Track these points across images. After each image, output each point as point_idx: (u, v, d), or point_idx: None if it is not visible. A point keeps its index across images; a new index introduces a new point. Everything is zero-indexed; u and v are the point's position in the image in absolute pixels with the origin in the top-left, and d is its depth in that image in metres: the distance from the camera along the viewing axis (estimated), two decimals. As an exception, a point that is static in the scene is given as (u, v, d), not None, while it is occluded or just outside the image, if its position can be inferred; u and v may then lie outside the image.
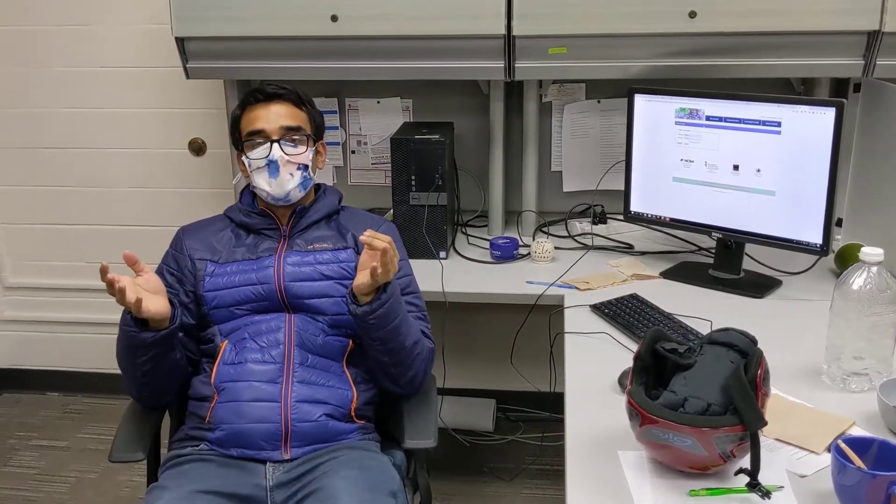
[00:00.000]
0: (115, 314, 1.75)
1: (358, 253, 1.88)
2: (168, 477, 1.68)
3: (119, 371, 1.80)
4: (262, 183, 1.88)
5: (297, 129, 1.90)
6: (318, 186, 2.03)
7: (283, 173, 1.87)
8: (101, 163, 3.09)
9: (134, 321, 1.67)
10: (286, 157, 1.87)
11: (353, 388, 1.81)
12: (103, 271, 1.58)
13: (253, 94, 1.92)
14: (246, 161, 1.90)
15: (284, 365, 1.77)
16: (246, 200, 1.97)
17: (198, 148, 3.00)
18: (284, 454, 1.71)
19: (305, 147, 1.91)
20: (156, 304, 1.67)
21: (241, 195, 2.00)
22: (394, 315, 1.72)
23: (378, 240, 1.61)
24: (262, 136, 1.88)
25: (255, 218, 1.93)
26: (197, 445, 1.75)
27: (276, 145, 1.87)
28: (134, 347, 1.70)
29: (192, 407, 1.81)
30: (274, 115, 1.89)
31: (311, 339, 1.81)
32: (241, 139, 1.91)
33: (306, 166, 1.91)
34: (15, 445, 3.06)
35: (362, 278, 1.66)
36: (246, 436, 1.71)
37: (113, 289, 1.59)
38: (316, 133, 1.97)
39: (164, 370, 1.76)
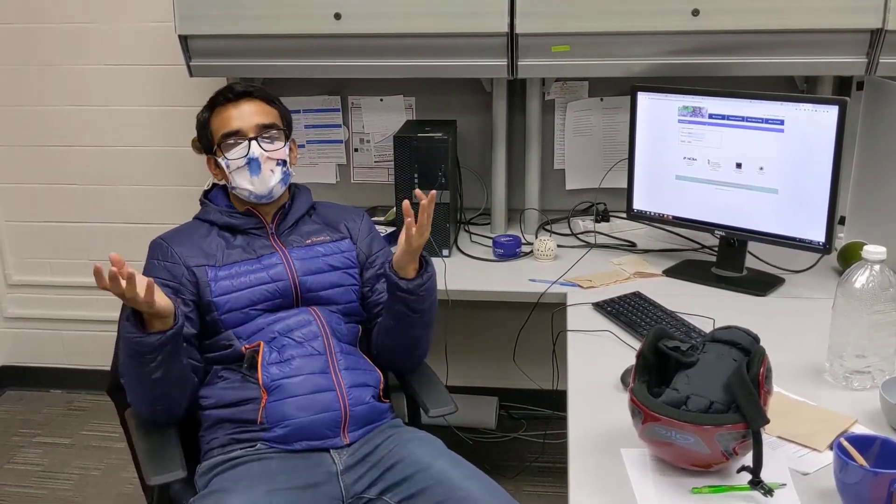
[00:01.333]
0: (118, 311, 1.74)
1: (354, 242, 1.97)
2: (224, 480, 1.65)
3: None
4: (244, 182, 1.88)
5: (272, 126, 1.91)
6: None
7: (264, 170, 1.87)
8: (104, 160, 3.09)
9: (136, 327, 1.61)
10: (266, 154, 1.87)
11: (379, 370, 1.88)
12: (97, 273, 1.51)
13: (221, 94, 1.92)
14: (224, 163, 1.89)
15: (328, 355, 1.80)
16: (221, 202, 1.96)
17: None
18: (344, 439, 1.74)
19: (282, 142, 1.92)
20: (162, 297, 1.61)
21: (211, 199, 1.98)
22: (436, 287, 1.85)
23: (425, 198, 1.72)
24: (238, 135, 1.87)
25: (241, 218, 1.92)
26: (252, 446, 1.72)
27: (254, 143, 1.87)
28: (140, 355, 1.63)
29: (224, 414, 1.76)
30: (247, 114, 1.89)
31: (337, 327, 1.86)
32: (214, 142, 1.91)
33: (285, 161, 1.92)
34: (19, 442, 3.07)
35: (401, 250, 1.76)
36: (312, 427, 1.72)
37: (117, 283, 1.51)
38: (287, 128, 1.97)
39: (174, 376, 1.70)
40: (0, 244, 3.25)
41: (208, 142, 1.93)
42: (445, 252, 2.43)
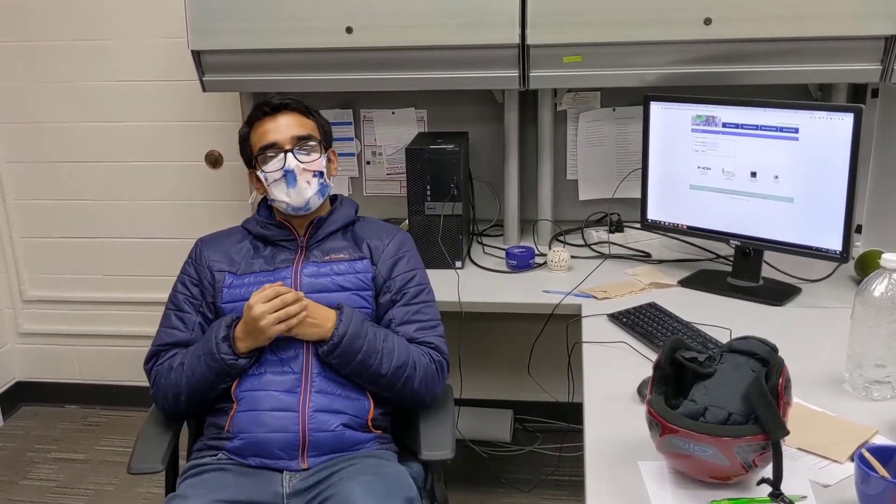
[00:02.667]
0: (132, 326, 1.76)
1: (374, 263, 1.90)
2: (187, 486, 1.69)
3: (138, 384, 1.80)
4: (281, 194, 1.88)
5: (308, 138, 1.91)
6: (333, 197, 2.03)
7: (300, 182, 1.87)
8: (118, 176, 3.11)
9: (231, 349, 1.72)
10: (301, 166, 1.87)
11: (370, 398, 1.80)
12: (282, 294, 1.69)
13: (259, 108, 1.92)
14: (262, 176, 1.89)
15: (303, 375, 1.77)
16: (263, 213, 1.98)
17: (214, 160, 3.02)
18: (301, 464, 1.72)
19: (319, 154, 1.91)
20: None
21: (259, 208, 2.01)
22: (354, 352, 1.74)
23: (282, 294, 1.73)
24: (274, 148, 1.88)
25: (273, 229, 1.93)
26: (215, 455, 1.76)
27: (289, 155, 1.87)
28: (226, 374, 1.74)
29: (211, 417, 1.82)
30: (283, 126, 1.89)
31: None
32: (253, 155, 1.92)
33: (322, 173, 1.91)
34: (34, 458, 3.07)
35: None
36: (264, 445, 1.71)
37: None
38: (325, 140, 1.97)
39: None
40: (15, 260, 3.27)
41: (249, 156, 1.94)
42: (458, 264, 2.43)
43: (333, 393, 1.77)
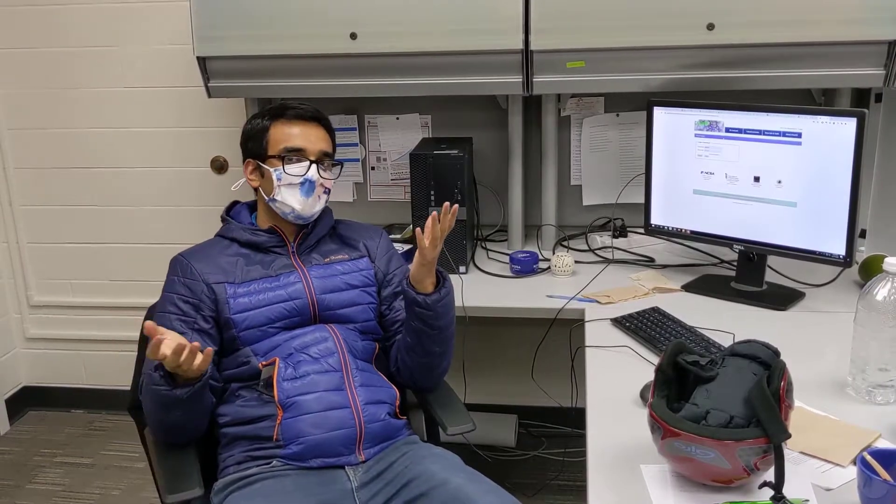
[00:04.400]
0: (138, 331, 1.75)
1: (373, 261, 1.98)
2: (240, 498, 1.66)
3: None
4: (292, 200, 1.89)
5: (331, 156, 1.96)
6: None
7: (315, 195, 1.90)
8: (124, 182, 3.13)
9: (164, 379, 1.61)
10: (321, 180, 1.91)
11: (395, 387, 1.88)
12: (155, 345, 1.52)
13: (291, 109, 1.93)
14: (276, 174, 1.89)
15: (343, 372, 1.80)
16: (245, 219, 1.98)
17: (220, 166, 3.03)
18: (359, 456, 1.74)
19: (333, 174, 1.97)
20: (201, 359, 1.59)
21: (233, 215, 1.99)
22: (454, 302, 1.86)
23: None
24: (301, 154, 1.90)
25: (262, 236, 1.93)
26: (268, 463, 1.72)
27: (315, 166, 1.90)
28: (167, 405, 1.65)
29: (240, 431, 1.77)
30: (314, 138, 1.92)
31: (354, 345, 1.87)
32: (270, 152, 1.91)
33: (329, 191, 1.96)
34: (40, 462, 3.08)
35: (416, 263, 1.79)
36: (326, 445, 1.72)
37: (177, 357, 1.53)
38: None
39: (196, 416, 1.74)
40: (22, 265, 3.29)
41: (260, 148, 1.93)
42: (462, 269, 2.43)
43: (373, 384, 1.83)
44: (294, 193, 1.89)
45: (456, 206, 1.76)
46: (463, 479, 1.64)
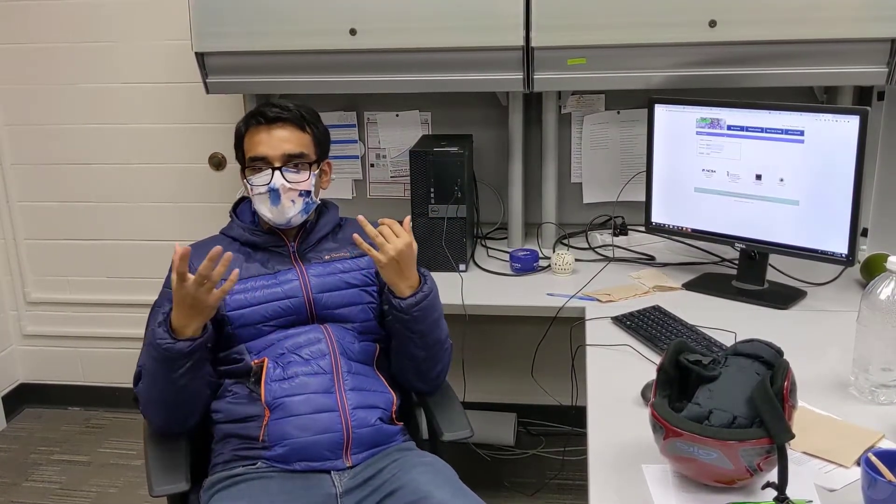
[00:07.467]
0: (136, 328, 1.75)
1: None
2: (224, 498, 1.65)
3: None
4: (264, 209, 1.87)
5: (299, 156, 1.87)
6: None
7: (284, 201, 1.85)
8: (122, 178, 3.11)
9: (169, 334, 1.65)
10: (287, 185, 1.84)
11: (392, 391, 1.84)
12: (184, 256, 1.61)
13: (256, 115, 1.89)
14: (247, 184, 1.89)
15: (334, 374, 1.78)
16: (246, 219, 1.97)
17: (218, 162, 3.02)
18: (346, 462, 1.72)
19: (308, 173, 1.88)
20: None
21: (238, 213, 1.98)
22: (435, 307, 1.82)
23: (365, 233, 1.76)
24: (264, 162, 1.86)
25: (262, 236, 1.91)
26: (253, 464, 1.71)
27: (277, 173, 1.84)
28: (171, 361, 1.66)
29: (231, 429, 1.76)
30: (276, 141, 1.86)
31: (349, 346, 1.84)
32: (245, 161, 1.90)
33: (308, 192, 1.89)
34: (37, 460, 3.07)
35: (383, 271, 1.78)
36: (310, 448, 1.70)
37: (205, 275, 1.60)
38: (321, 153, 1.94)
39: (196, 384, 1.73)
40: (19, 262, 3.27)
41: (240, 156, 1.93)
42: (462, 267, 2.42)
43: (365, 388, 1.79)
44: (264, 202, 1.86)
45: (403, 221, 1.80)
46: (447, 494, 1.60)
